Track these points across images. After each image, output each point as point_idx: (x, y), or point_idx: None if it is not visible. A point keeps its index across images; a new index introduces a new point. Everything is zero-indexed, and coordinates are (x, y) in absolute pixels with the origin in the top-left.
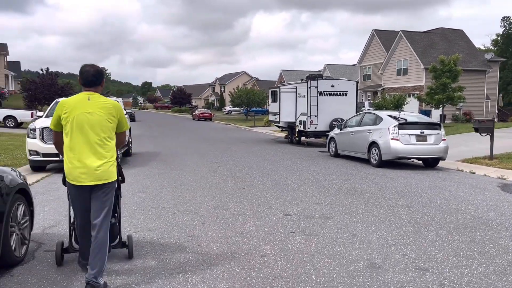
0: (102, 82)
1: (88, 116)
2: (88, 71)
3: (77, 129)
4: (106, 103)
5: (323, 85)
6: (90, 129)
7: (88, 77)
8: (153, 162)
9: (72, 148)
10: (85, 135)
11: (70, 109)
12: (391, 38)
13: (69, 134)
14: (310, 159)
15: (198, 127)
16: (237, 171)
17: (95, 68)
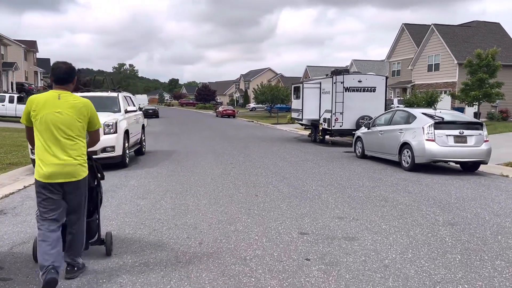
0: (74, 80)
1: (57, 115)
2: (60, 67)
3: (46, 128)
4: (77, 102)
5: (349, 80)
6: (59, 128)
7: (59, 74)
8: (165, 162)
9: (42, 147)
10: (54, 134)
11: (39, 108)
12: (421, 32)
13: (39, 133)
14: (334, 161)
15: (220, 124)
16: (252, 174)
17: (67, 65)
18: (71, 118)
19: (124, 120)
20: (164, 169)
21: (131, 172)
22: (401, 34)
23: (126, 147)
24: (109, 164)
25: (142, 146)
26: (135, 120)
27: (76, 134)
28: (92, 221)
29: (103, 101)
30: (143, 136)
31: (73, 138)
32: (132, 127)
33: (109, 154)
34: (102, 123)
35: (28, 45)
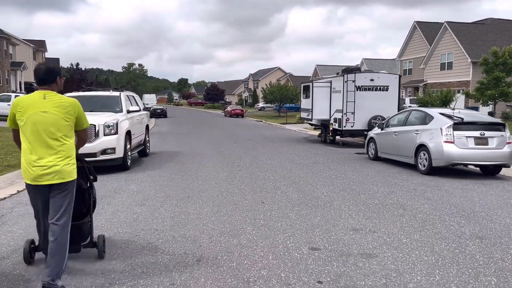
0: (57, 80)
1: (43, 115)
2: (40, 69)
3: (32, 129)
4: (63, 101)
5: (361, 79)
6: (46, 128)
7: (39, 75)
8: (169, 164)
9: (28, 148)
10: (41, 135)
11: (24, 109)
12: (434, 30)
13: (25, 134)
14: (346, 163)
15: (228, 124)
16: (259, 178)
17: (47, 66)
18: (58, 117)
19: (126, 120)
20: (167, 172)
21: (132, 175)
22: (413, 32)
23: (128, 149)
24: (110, 167)
25: (146, 147)
26: (138, 120)
27: (63, 134)
28: (84, 224)
29: (105, 101)
30: (147, 137)
31: (60, 138)
32: (134, 127)
33: (109, 156)
34: (102, 124)
35: (37, 45)
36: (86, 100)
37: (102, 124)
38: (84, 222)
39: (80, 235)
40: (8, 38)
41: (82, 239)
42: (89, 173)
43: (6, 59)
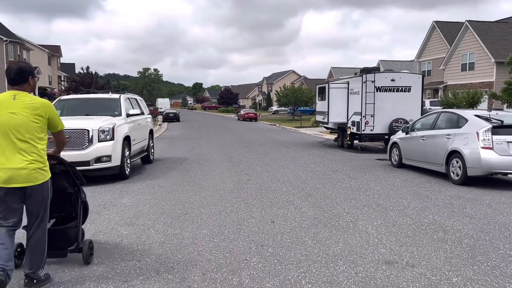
0: (29, 80)
1: (12, 116)
2: (12, 68)
3: (1, 130)
4: (33, 102)
5: (381, 79)
6: (15, 130)
7: (10, 75)
8: (172, 172)
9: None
10: (9, 137)
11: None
12: (454, 30)
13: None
14: (367, 171)
15: (240, 128)
16: (270, 190)
17: (18, 66)
18: (27, 119)
19: (124, 125)
20: (168, 181)
21: (128, 185)
22: (432, 33)
23: (126, 156)
24: (106, 176)
25: (150, 154)
26: (140, 124)
27: (33, 136)
28: (70, 228)
29: (102, 104)
30: (151, 142)
31: (30, 140)
32: (135, 132)
33: (104, 165)
34: (97, 129)
35: (52, 50)
36: (82, 103)
37: (96, 129)
38: (69, 227)
39: (66, 239)
40: (21, 43)
41: (68, 244)
42: (74, 177)
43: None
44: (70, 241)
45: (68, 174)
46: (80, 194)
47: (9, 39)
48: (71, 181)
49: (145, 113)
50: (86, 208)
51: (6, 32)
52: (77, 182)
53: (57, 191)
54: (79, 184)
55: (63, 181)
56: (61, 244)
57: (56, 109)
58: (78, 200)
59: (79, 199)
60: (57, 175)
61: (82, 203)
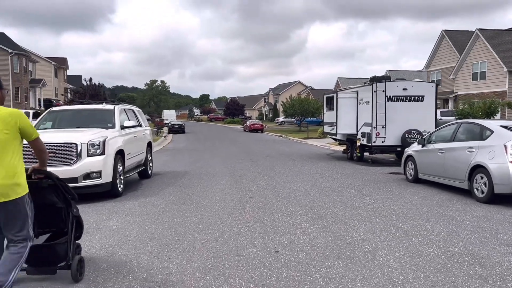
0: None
1: None
2: None
3: None
4: (2, 113)
5: (392, 88)
6: None
7: None
8: (169, 189)
9: None
10: None
11: None
12: (463, 39)
13: None
14: (381, 187)
15: (246, 140)
16: (274, 210)
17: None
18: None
19: (118, 137)
20: (164, 199)
21: (120, 204)
22: (441, 42)
23: (119, 172)
24: (97, 194)
25: (148, 168)
26: (137, 137)
27: (3, 148)
28: (59, 244)
29: (95, 115)
30: (149, 156)
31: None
32: (130, 146)
33: (94, 182)
34: (86, 142)
35: (59, 62)
36: (73, 114)
37: (85, 143)
38: (58, 243)
39: (55, 255)
40: (27, 55)
41: (57, 260)
42: (64, 191)
43: (25, 76)
44: (60, 258)
45: (57, 189)
46: (71, 208)
47: (15, 51)
48: (61, 195)
49: (143, 125)
50: (79, 223)
51: (12, 44)
52: (67, 196)
53: (45, 206)
54: (70, 198)
55: (52, 195)
56: (50, 261)
57: (46, 121)
58: (69, 215)
59: (70, 214)
60: (45, 189)
61: (74, 218)
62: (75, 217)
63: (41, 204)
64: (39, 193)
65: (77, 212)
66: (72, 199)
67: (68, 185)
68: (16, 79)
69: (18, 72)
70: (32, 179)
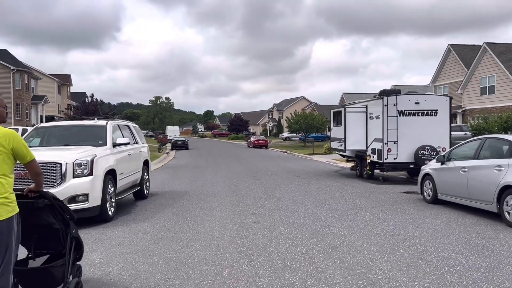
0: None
1: None
2: None
3: None
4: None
5: (404, 101)
6: None
7: None
8: (166, 212)
9: None
10: None
11: None
12: (470, 53)
13: None
14: (398, 209)
15: (250, 156)
16: (282, 238)
17: None
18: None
19: (109, 156)
20: (158, 225)
21: (107, 231)
22: (447, 56)
23: (110, 194)
24: (85, 218)
25: (144, 188)
26: (131, 155)
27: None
28: (55, 267)
29: (85, 132)
30: (146, 175)
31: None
32: (124, 165)
33: (81, 206)
34: (72, 162)
35: (62, 79)
36: (62, 131)
37: (71, 163)
38: (54, 266)
39: (51, 279)
40: (29, 72)
41: (54, 284)
42: (62, 211)
43: (27, 93)
44: (56, 281)
45: (54, 209)
46: (70, 229)
47: (17, 68)
48: (59, 216)
49: (140, 142)
50: (79, 244)
51: (14, 61)
52: (65, 216)
53: (42, 227)
54: (69, 218)
55: (49, 216)
56: (47, 284)
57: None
58: (67, 236)
59: (69, 235)
60: (41, 210)
61: (72, 239)
62: (74, 238)
63: (37, 224)
64: (35, 214)
65: (76, 233)
66: (71, 219)
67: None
68: (17, 95)
69: (20, 89)
70: (27, 199)
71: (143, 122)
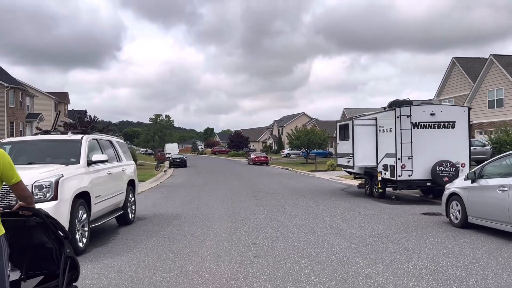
0: None
1: None
2: None
3: None
4: None
5: (418, 113)
6: None
7: None
8: (150, 242)
9: None
10: None
11: None
12: (475, 66)
13: None
14: (423, 236)
15: (250, 173)
16: (290, 280)
17: None
18: None
19: (81, 176)
20: (136, 260)
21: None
22: (452, 69)
23: (82, 221)
24: None
25: (128, 212)
26: (112, 174)
27: None
28: None
29: (56, 148)
30: (131, 197)
31: None
32: (102, 186)
33: None
34: (31, 184)
35: (60, 97)
36: (27, 147)
37: (29, 185)
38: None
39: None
40: (23, 89)
41: None
42: (56, 229)
43: (21, 111)
44: None
45: (47, 227)
46: (64, 248)
47: (11, 85)
48: (52, 234)
49: (124, 160)
50: (75, 264)
51: (8, 78)
52: (59, 235)
53: (34, 246)
54: (63, 237)
55: (41, 235)
56: None
57: None
58: (61, 255)
59: (63, 254)
60: (33, 228)
61: (67, 258)
62: (68, 257)
63: (28, 244)
64: (26, 233)
65: (70, 252)
66: (66, 238)
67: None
68: (11, 113)
69: (14, 106)
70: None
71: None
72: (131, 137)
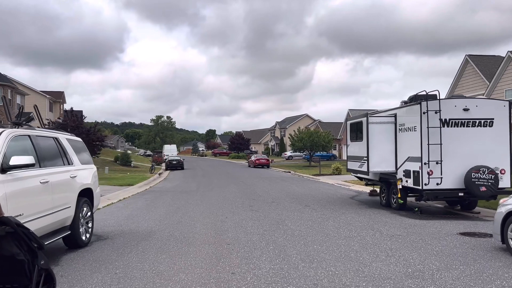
0: None
1: None
2: None
3: None
4: None
5: (449, 108)
6: None
7: None
8: (93, 279)
9: None
10: None
11: None
12: (490, 64)
13: None
14: (479, 271)
15: (249, 177)
16: None
17: None
18: None
19: None
20: None
21: None
22: (465, 67)
23: None
24: None
25: (80, 232)
26: (48, 184)
27: None
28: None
29: None
30: (86, 212)
31: None
32: (27, 200)
33: None
34: None
35: (55, 96)
36: None
37: None
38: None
39: None
40: (13, 87)
41: None
42: (28, 240)
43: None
44: None
45: (18, 237)
46: (37, 260)
47: None
48: (24, 245)
49: (74, 163)
50: (50, 277)
51: None
52: (32, 245)
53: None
54: (36, 248)
55: (11, 245)
56: None
57: None
58: (34, 268)
59: (36, 267)
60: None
61: (41, 271)
62: (43, 270)
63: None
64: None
65: (45, 264)
66: (39, 249)
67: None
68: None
69: (1, 104)
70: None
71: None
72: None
